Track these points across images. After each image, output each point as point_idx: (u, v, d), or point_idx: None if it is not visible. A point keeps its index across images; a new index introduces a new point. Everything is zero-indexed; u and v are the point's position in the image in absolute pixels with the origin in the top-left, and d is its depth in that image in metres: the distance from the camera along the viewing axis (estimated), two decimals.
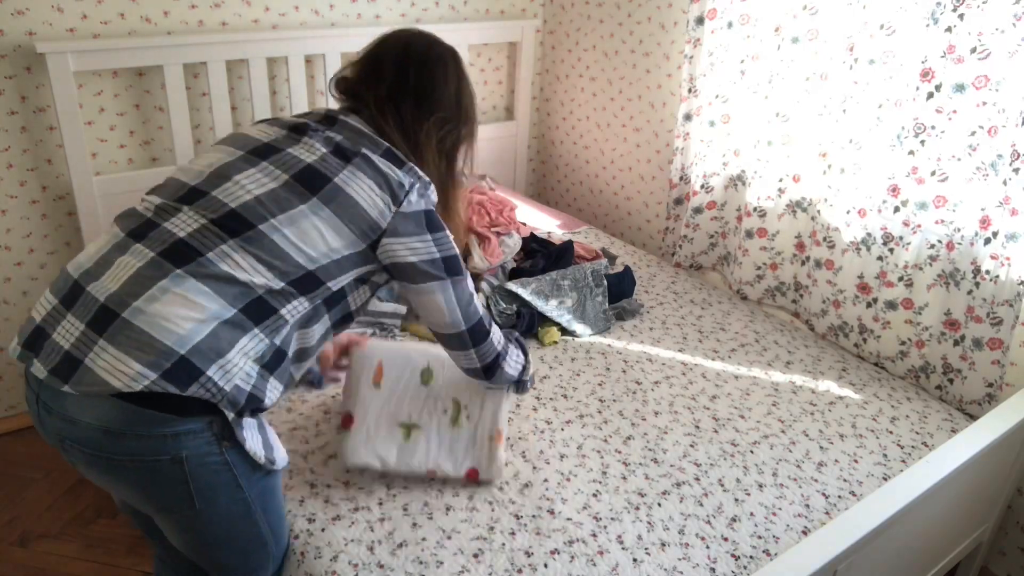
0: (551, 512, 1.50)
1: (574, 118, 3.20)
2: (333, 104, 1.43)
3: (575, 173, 3.29)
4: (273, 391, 1.20)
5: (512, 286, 2.14)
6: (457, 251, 1.30)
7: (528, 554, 1.40)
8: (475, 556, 1.39)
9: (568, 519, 1.48)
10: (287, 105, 2.62)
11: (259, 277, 1.15)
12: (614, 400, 1.86)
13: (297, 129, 1.28)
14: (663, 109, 2.76)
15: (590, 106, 3.09)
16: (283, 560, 1.41)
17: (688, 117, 2.44)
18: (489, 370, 1.40)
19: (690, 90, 2.41)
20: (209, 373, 1.09)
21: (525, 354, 1.49)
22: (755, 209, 2.29)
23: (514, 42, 3.10)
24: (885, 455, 1.72)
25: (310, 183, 1.20)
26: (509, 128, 3.22)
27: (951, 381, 1.91)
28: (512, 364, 1.44)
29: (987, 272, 1.76)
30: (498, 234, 2.37)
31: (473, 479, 1.54)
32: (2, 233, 2.33)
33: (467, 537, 1.43)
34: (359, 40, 2.61)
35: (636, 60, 2.81)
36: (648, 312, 2.28)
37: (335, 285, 1.23)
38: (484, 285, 2.20)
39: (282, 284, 1.17)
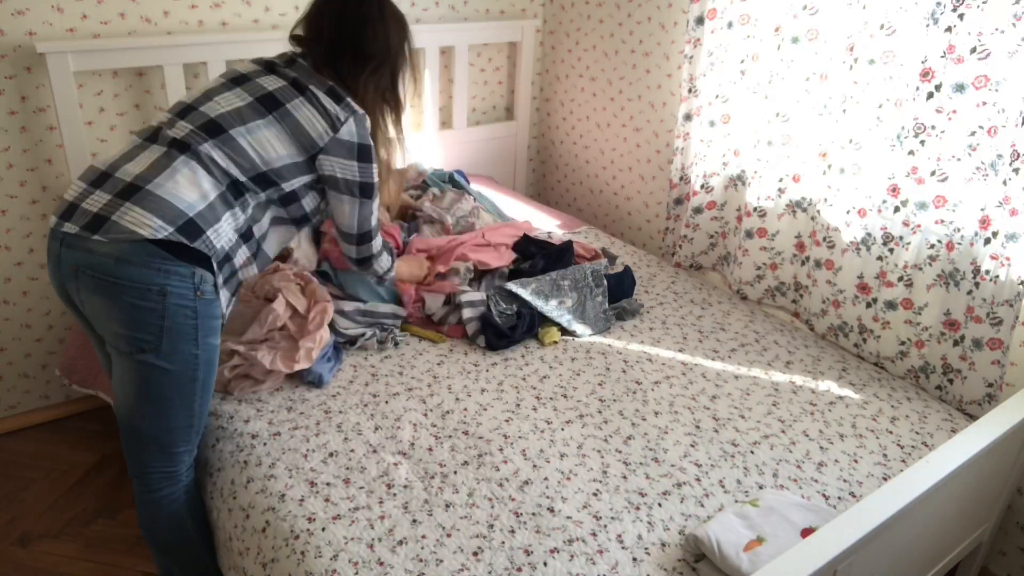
0: (551, 510, 1.50)
1: (574, 118, 3.20)
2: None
3: (575, 173, 3.29)
4: (242, 254, 1.58)
5: (512, 286, 2.14)
6: (374, 180, 1.70)
7: (528, 552, 1.40)
8: (475, 554, 1.39)
9: (568, 518, 1.48)
10: None
11: (232, 168, 1.53)
12: (614, 400, 1.86)
13: (269, 66, 1.67)
14: (663, 109, 2.76)
15: (590, 106, 3.10)
16: (195, 462, 1.64)
17: (688, 117, 2.44)
18: (361, 263, 1.84)
19: (690, 90, 2.41)
20: (207, 233, 1.47)
21: (392, 262, 1.95)
22: (755, 209, 2.29)
23: (514, 42, 3.10)
24: (885, 455, 1.72)
25: (268, 105, 1.59)
26: (509, 128, 3.22)
27: (951, 381, 1.91)
28: (380, 265, 1.88)
29: (987, 272, 1.76)
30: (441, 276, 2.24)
31: None
32: (2, 233, 2.33)
33: (467, 535, 1.43)
34: None
35: (636, 60, 2.82)
36: (648, 312, 2.28)
37: (287, 186, 1.61)
38: (484, 285, 2.20)
39: (245, 178, 1.55)
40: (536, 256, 2.37)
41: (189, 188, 1.47)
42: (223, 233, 1.51)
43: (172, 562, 1.69)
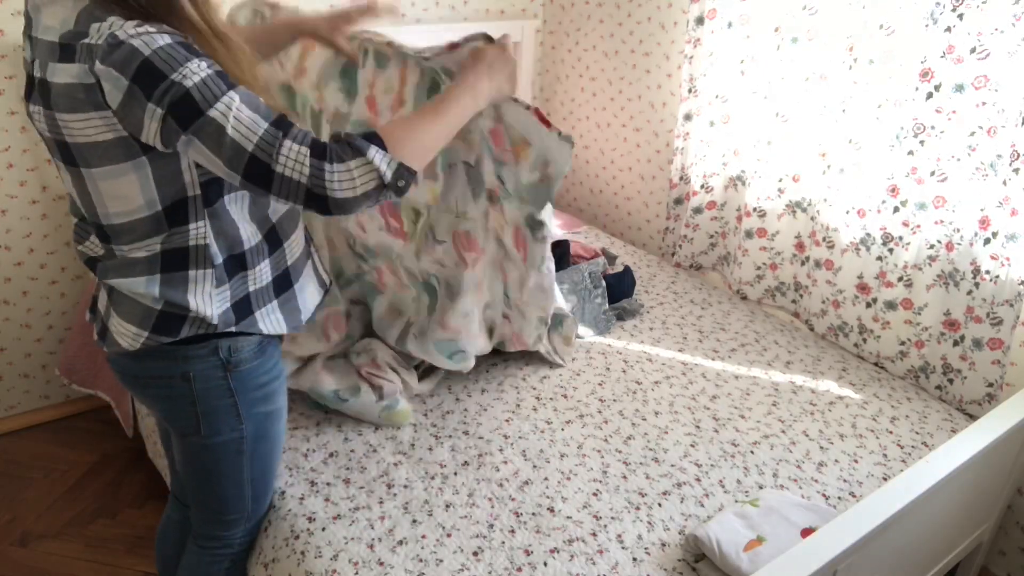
0: (551, 510, 1.50)
1: (574, 118, 3.20)
2: None
3: (575, 173, 3.29)
4: (256, 272, 1.23)
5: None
6: (189, 81, 0.98)
7: (528, 552, 1.40)
8: (475, 554, 1.39)
9: (568, 518, 1.49)
10: None
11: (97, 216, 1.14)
12: (614, 400, 1.86)
13: None
14: (663, 109, 2.76)
15: (590, 106, 3.10)
16: (256, 531, 1.49)
17: (688, 117, 2.45)
18: (314, 198, 1.06)
19: (690, 90, 2.41)
20: (190, 309, 1.20)
21: (381, 150, 1.10)
22: (755, 209, 2.29)
23: (514, 42, 3.10)
24: (885, 455, 1.72)
25: (44, 100, 1.12)
26: None
27: (951, 381, 1.91)
28: (360, 169, 1.08)
29: (987, 272, 1.76)
30: None
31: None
32: (2, 233, 2.33)
33: (467, 535, 1.43)
34: None
35: (636, 60, 2.82)
36: (648, 312, 2.29)
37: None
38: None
39: (159, 207, 1.10)
40: None
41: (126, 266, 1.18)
42: (204, 289, 1.19)
43: None
